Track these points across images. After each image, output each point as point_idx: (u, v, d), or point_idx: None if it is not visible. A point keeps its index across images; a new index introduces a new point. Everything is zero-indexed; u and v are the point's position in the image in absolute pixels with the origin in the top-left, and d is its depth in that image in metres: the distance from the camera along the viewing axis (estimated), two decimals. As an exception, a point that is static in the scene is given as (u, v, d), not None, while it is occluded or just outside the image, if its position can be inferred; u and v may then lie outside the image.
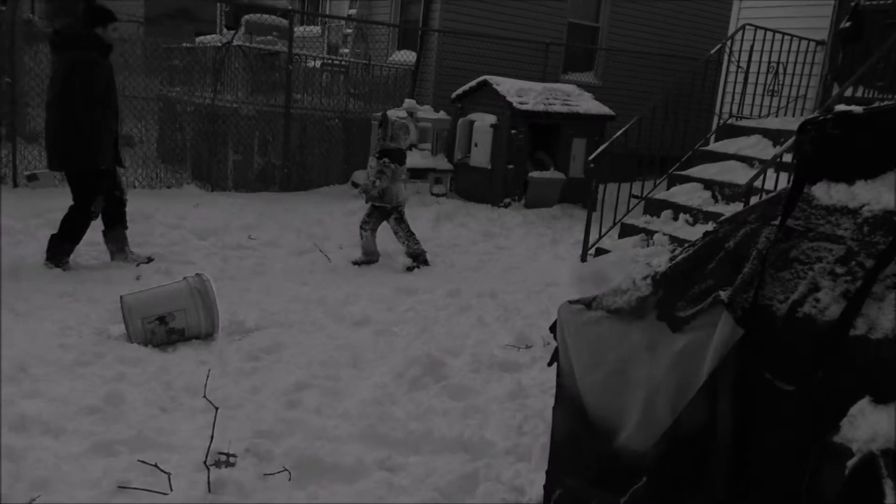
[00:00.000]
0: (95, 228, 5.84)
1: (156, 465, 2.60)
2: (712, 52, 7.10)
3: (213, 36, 11.59)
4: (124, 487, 2.51)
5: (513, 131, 8.74)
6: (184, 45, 10.77)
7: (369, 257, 6.27)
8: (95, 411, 3.08)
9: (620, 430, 2.19)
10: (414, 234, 6.35)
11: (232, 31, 9.70)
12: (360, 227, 6.31)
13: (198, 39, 11.51)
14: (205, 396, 2.93)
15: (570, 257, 6.65)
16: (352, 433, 3.08)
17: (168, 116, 10.03)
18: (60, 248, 5.26)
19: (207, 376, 3.11)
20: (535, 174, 8.91)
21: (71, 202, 5.34)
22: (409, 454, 2.97)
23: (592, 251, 6.44)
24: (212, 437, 2.73)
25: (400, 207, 6.30)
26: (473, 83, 9.28)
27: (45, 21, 12.07)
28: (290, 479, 2.69)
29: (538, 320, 4.75)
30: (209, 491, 2.52)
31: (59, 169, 5.52)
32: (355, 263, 6.20)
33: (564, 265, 6.33)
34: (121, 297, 4.00)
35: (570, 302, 2.41)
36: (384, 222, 6.32)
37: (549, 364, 2.48)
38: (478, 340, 4.32)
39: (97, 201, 5.34)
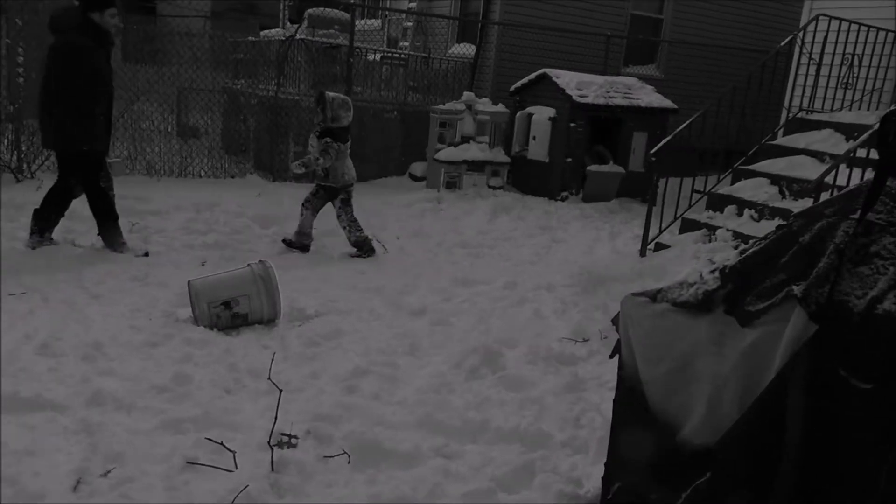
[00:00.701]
0: (168, 216, 6.03)
1: (222, 444, 2.68)
2: (782, 43, 6.86)
3: (277, 30, 11.84)
4: (192, 463, 2.59)
5: (572, 124, 8.65)
6: (249, 38, 11.03)
7: (301, 239, 6.05)
8: (165, 390, 3.19)
9: (683, 424, 2.16)
10: (357, 221, 6.06)
11: (295, 25, 9.88)
12: (302, 205, 6.07)
13: (262, 33, 11.77)
14: (269, 379, 3.01)
15: (629, 251, 6.55)
16: (409, 420, 3.11)
17: (232, 108, 10.28)
18: (37, 223, 5.23)
19: (272, 360, 3.19)
20: (593, 168, 8.80)
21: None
22: (465, 442, 2.99)
23: (652, 246, 6.32)
24: (275, 419, 2.79)
25: (348, 188, 6.04)
26: (532, 76, 9.21)
27: (117, 15, 12.50)
28: (349, 462, 2.74)
29: (595, 314, 4.70)
30: (272, 470, 2.59)
31: (46, 147, 5.59)
32: (285, 242, 6.02)
33: (624, 259, 6.24)
34: (188, 281, 4.13)
35: (633, 294, 2.38)
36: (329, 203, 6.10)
37: (611, 356, 2.45)
38: (535, 333, 4.31)
39: (73, 181, 5.28)
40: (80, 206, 5.67)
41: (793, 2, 11.29)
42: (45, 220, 5.26)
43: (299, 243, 6.07)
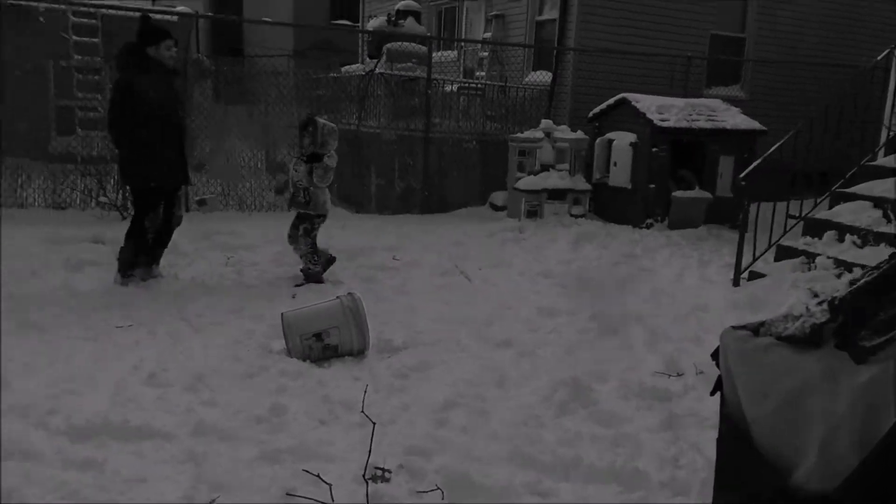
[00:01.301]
0: (260, 250, 6.24)
1: (318, 476, 2.73)
2: (879, 58, 6.57)
3: (357, 65, 12.21)
4: (291, 495, 2.66)
5: (654, 149, 8.50)
6: (330, 75, 11.42)
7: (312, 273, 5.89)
8: (262, 420, 3.29)
9: (796, 467, 2.05)
10: (318, 251, 5.88)
11: (374, 60, 10.16)
12: (289, 239, 5.88)
13: (343, 69, 12.17)
14: (362, 412, 3.06)
15: (721, 281, 6.33)
16: (500, 454, 3.09)
17: (316, 143, 10.62)
18: (121, 261, 5.41)
19: (365, 392, 3.24)
20: (678, 193, 8.60)
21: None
22: (559, 480, 2.94)
23: (745, 275, 6.10)
24: (369, 452, 2.83)
25: (321, 218, 5.91)
26: (611, 101, 9.14)
27: (210, 59, 13.20)
28: (442, 498, 2.74)
29: (688, 346, 4.57)
30: (368, 504, 2.62)
31: (124, 184, 5.73)
32: (304, 277, 5.83)
33: (715, 289, 6.04)
34: (282, 314, 4.27)
35: (733, 328, 2.30)
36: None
37: (712, 393, 2.37)
38: (625, 366, 4.22)
39: (150, 216, 5.45)
40: (179, 238, 5.97)
41: (888, 13, 10.81)
42: (126, 257, 5.43)
43: (327, 263, 5.97)
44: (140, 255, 5.48)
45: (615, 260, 7.30)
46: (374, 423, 2.97)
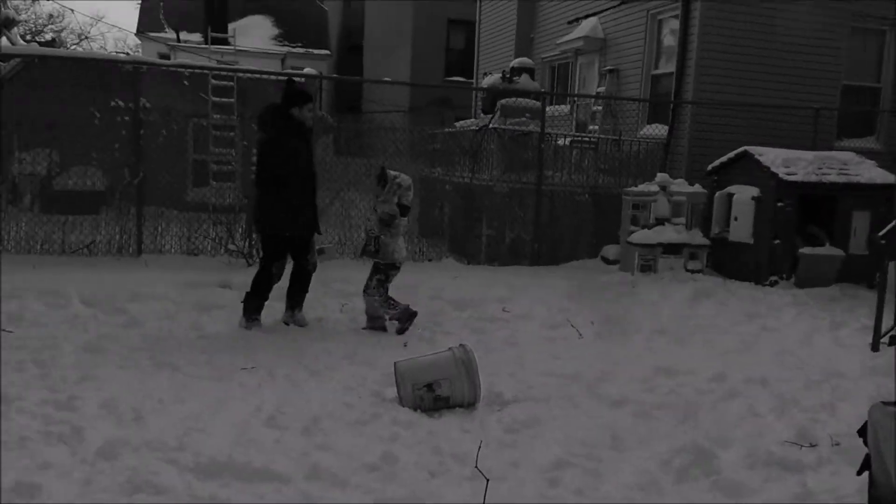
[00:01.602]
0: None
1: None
2: None
3: (471, 120, 12.49)
4: (403, 547, 2.64)
5: (779, 204, 8.10)
6: (445, 129, 11.74)
7: (373, 322, 6.03)
8: (374, 469, 3.32)
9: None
10: (390, 301, 6.01)
11: (488, 115, 10.35)
12: (364, 289, 6.03)
13: (457, 124, 12.49)
14: (476, 467, 3.02)
15: (857, 345, 5.87)
16: (617, 521, 2.96)
17: (429, 195, 10.90)
18: (246, 305, 5.76)
19: (479, 448, 3.20)
20: (806, 250, 8.12)
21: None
22: (681, 552, 2.77)
23: (886, 339, 5.63)
24: (483, 508, 2.79)
25: (397, 265, 6.03)
26: (732, 154, 8.83)
27: (332, 116, 13.96)
28: (556, 561, 2.64)
29: (821, 415, 4.25)
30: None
31: (256, 232, 6.15)
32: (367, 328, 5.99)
33: (850, 353, 5.61)
34: (395, 363, 4.33)
35: (884, 403, 2.12)
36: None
37: (859, 472, 2.18)
38: (750, 432, 3.96)
39: (277, 265, 5.80)
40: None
41: None
42: (251, 302, 5.79)
43: (374, 325, 6.07)
44: (263, 301, 5.80)
45: (736, 319, 6.95)
46: (488, 480, 2.92)
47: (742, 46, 9.94)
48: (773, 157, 8.34)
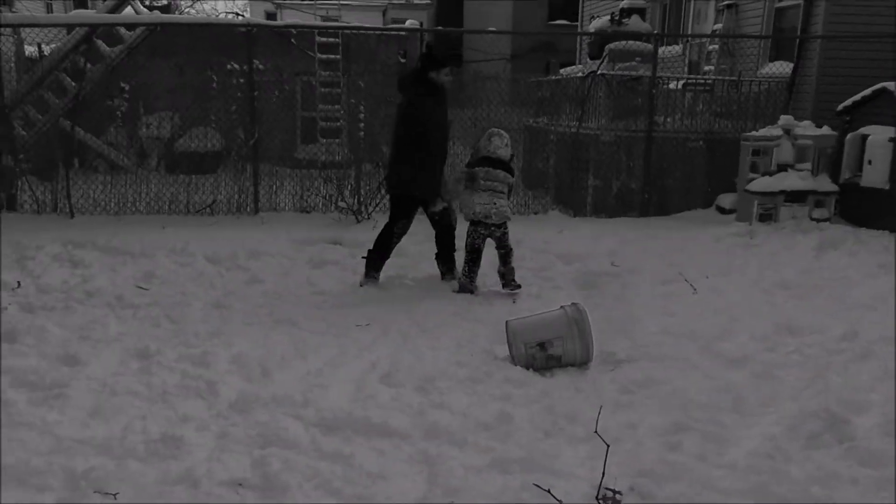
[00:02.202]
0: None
1: (549, 492, 2.73)
2: None
3: (577, 66, 12.09)
4: (522, 507, 2.68)
5: (921, 145, 7.41)
6: (549, 77, 11.43)
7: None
8: (489, 428, 3.37)
9: None
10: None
11: (596, 61, 9.97)
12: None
13: (562, 71, 12.12)
14: (596, 432, 2.99)
15: None
16: (741, 488, 2.87)
17: (533, 146, 10.70)
18: (368, 262, 5.88)
19: (599, 413, 3.16)
20: (951, 195, 7.41)
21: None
22: (812, 523, 2.66)
23: None
24: (603, 474, 2.78)
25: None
26: (867, 92, 8.11)
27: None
28: (677, 528, 2.61)
29: (969, 378, 3.91)
30: (599, 526, 2.56)
31: (387, 191, 6.24)
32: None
33: None
34: (506, 322, 4.34)
35: None
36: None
37: None
38: (888, 396, 3.69)
39: (400, 224, 5.89)
40: (406, 242, 6.32)
41: None
42: (372, 260, 5.95)
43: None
44: (384, 259, 5.99)
45: (868, 271, 6.47)
46: (608, 446, 2.89)
47: (879, -30, 9.01)
48: (915, 94, 7.60)
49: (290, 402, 3.52)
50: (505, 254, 5.86)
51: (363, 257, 6.01)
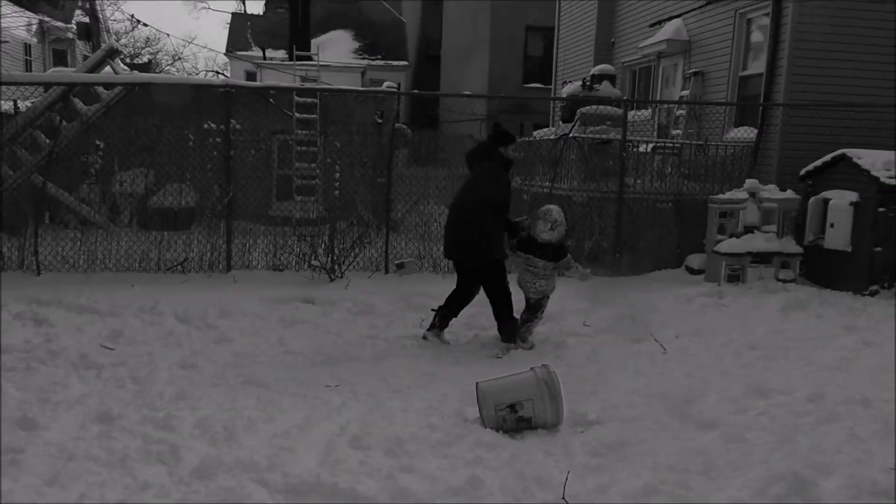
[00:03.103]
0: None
1: (516, 560, 2.69)
2: None
3: (549, 129, 12.40)
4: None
5: (881, 209, 7.64)
6: (523, 138, 11.68)
7: None
8: (459, 493, 3.33)
9: None
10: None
11: (567, 124, 10.24)
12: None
13: (535, 133, 12.41)
14: (563, 499, 2.97)
15: (972, 362, 5.46)
16: (710, 555, 2.85)
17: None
18: (511, 332, 6.04)
19: (566, 478, 3.14)
20: (911, 258, 7.62)
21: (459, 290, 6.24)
22: (779, 591, 2.64)
23: None
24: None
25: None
26: (827, 158, 8.38)
27: (409, 126, 14.15)
28: None
29: (932, 440, 3.96)
30: None
31: (453, 258, 6.39)
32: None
33: (965, 372, 5.21)
34: (477, 384, 4.32)
35: None
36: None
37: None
38: (853, 459, 3.73)
39: (507, 282, 6.10)
40: (378, 300, 6.30)
41: None
42: (511, 328, 6.07)
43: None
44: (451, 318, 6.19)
45: (833, 332, 6.58)
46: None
47: (838, 43, 9.43)
48: (873, 160, 7.88)
49: (256, 466, 3.45)
50: (532, 309, 6.21)
51: (502, 332, 6.07)
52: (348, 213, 9.22)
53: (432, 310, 6.24)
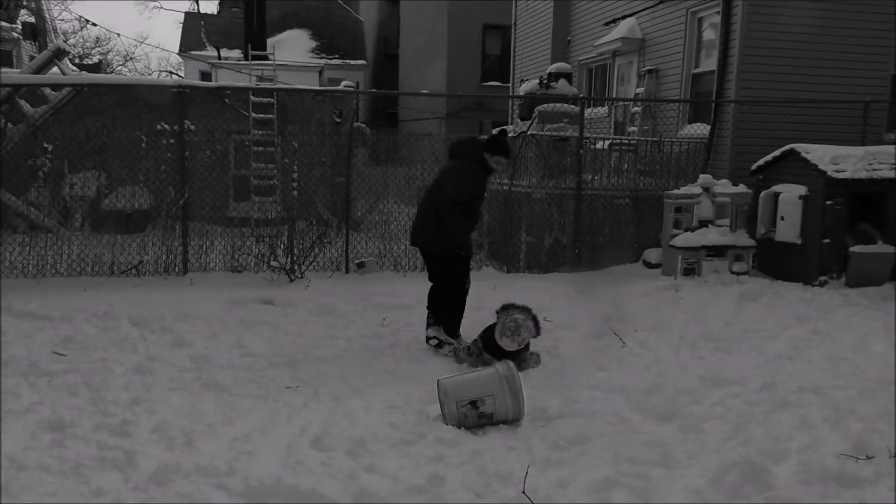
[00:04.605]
0: (414, 311, 6.43)
1: (478, 555, 2.70)
2: None
3: (509, 126, 12.45)
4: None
5: (828, 202, 7.88)
6: (481, 137, 11.73)
7: None
8: (421, 491, 3.32)
9: None
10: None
11: (526, 122, 10.31)
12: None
13: (494, 131, 12.46)
14: (524, 493, 2.99)
15: (915, 348, 5.66)
16: (668, 542, 2.90)
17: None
18: (451, 330, 5.97)
19: (526, 473, 3.17)
20: (857, 248, 7.88)
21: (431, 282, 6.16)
22: (735, 576, 2.70)
23: (945, 342, 5.42)
24: (531, 535, 2.77)
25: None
26: (777, 153, 8.62)
27: (367, 126, 14.08)
28: (606, 587, 2.60)
29: (879, 424, 4.10)
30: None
31: (416, 245, 6.34)
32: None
33: (909, 359, 5.40)
34: (438, 381, 4.33)
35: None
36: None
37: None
38: (804, 445, 3.84)
39: (468, 280, 6.10)
40: (339, 300, 6.26)
41: None
42: (453, 326, 6.01)
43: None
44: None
45: (785, 322, 6.76)
46: (534, 504, 2.89)
47: (786, 41, 9.72)
48: (820, 155, 8.12)
49: (215, 471, 3.40)
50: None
51: (439, 337, 5.91)
52: (308, 213, 9.13)
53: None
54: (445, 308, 6.05)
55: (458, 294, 6.09)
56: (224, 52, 28.76)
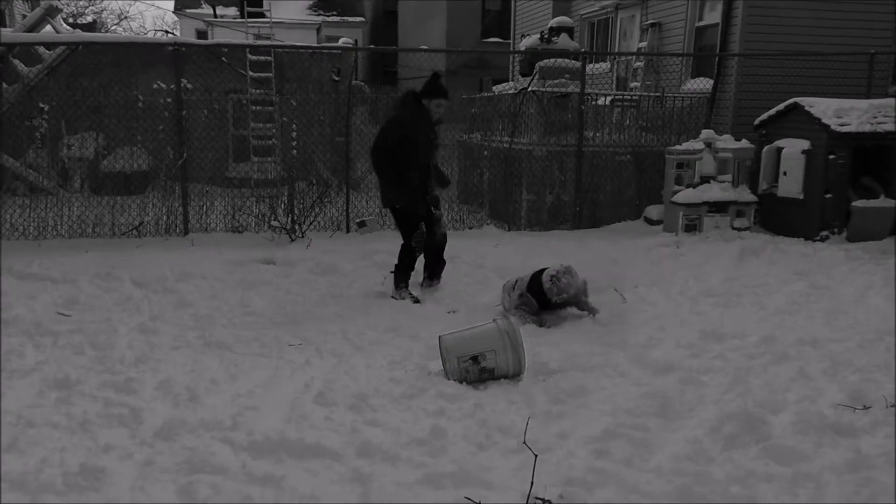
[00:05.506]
0: (416, 269, 6.43)
1: (479, 504, 2.75)
2: None
3: (509, 83, 12.31)
4: (453, 521, 2.69)
5: (831, 156, 7.82)
6: (482, 94, 11.60)
7: None
8: (423, 443, 3.37)
9: None
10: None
11: (527, 78, 10.18)
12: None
13: (495, 88, 12.32)
14: (524, 443, 3.04)
15: (914, 301, 5.69)
16: (666, 490, 2.95)
17: (467, 161, 10.83)
18: (395, 278, 6.11)
19: (527, 424, 3.21)
20: (859, 203, 7.85)
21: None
22: (732, 522, 2.76)
23: (944, 294, 5.44)
24: (532, 483, 2.81)
25: None
26: (780, 107, 8.53)
27: (367, 84, 13.92)
28: (605, 533, 2.66)
29: (875, 375, 4.15)
30: (529, 535, 2.59)
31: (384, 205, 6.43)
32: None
33: (908, 311, 5.43)
34: (439, 337, 4.36)
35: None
36: None
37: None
38: (801, 396, 3.88)
39: (416, 236, 6.08)
40: (339, 259, 6.26)
41: None
42: (401, 276, 6.13)
43: None
44: (411, 272, 6.20)
45: (785, 277, 6.78)
46: (536, 456, 2.94)
47: (790, -8, 9.53)
48: (824, 108, 8.04)
49: (219, 426, 3.45)
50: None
51: (391, 272, 6.18)
52: (307, 173, 9.09)
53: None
54: (427, 260, 6.25)
55: (403, 246, 6.18)
56: (220, 10, 28.32)
